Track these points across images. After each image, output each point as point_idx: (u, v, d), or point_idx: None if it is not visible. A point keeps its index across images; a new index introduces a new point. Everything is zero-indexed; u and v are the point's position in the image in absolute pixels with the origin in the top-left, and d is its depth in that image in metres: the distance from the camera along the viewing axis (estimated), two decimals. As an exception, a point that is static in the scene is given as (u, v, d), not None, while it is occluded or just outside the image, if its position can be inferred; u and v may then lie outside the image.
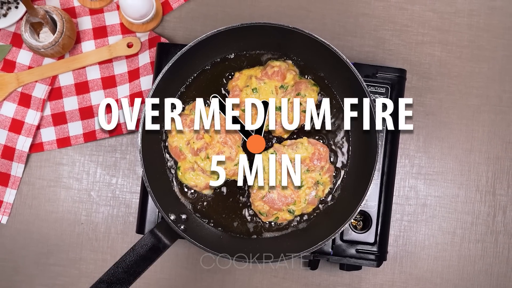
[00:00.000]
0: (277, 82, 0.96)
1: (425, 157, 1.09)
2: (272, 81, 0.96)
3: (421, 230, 1.08)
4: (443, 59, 1.10)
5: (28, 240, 1.06)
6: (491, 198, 1.09)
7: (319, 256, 0.97)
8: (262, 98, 0.96)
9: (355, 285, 1.07)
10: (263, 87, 0.95)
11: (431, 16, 1.10)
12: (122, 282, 0.88)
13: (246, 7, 1.09)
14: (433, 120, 1.09)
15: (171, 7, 1.08)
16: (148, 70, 1.05)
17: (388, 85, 0.99)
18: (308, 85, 0.96)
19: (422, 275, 1.07)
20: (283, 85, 0.96)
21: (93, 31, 1.07)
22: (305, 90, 0.95)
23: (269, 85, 0.96)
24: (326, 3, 1.10)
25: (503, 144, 1.09)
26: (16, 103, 1.05)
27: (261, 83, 0.95)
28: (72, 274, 1.05)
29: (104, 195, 1.07)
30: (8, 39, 1.06)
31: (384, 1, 1.10)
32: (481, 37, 1.10)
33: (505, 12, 1.11)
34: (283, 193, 0.95)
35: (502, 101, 1.10)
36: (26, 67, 1.06)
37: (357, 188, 0.92)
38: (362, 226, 0.98)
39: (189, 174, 0.96)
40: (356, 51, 1.09)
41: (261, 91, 0.95)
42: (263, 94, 0.96)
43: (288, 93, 0.96)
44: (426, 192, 1.08)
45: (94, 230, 1.06)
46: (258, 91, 0.95)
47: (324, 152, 0.96)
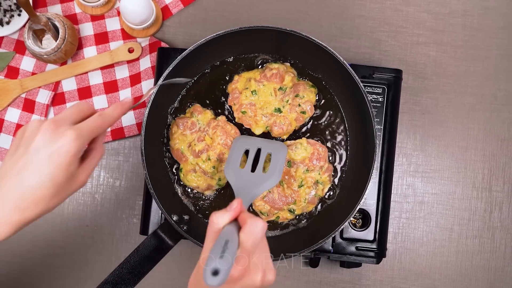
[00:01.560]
0: (275, 84, 0.96)
1: (422, 155, 1.09)
2: (271, 83, 0.96)
3: (419, 227, 1.08)
4: (438, 59, 1.10)
5: (34, 243, 1.06)
6: (488, 195, 1.09)
7: (320, 254, 0.97)
8: (261, 100, 0.96)
9: (355, 282, 1.07)
10: (262, 89, 0.96)
11: (425, 17, 1.10)
12: (127, 283, 0.88)
13: (244, 11, 1.09)
14: (429, 119, 1.09)
15: (171, 12, 1.09)
16: (149, 74, 1.05)
17: (385, 85, 0.99)
18: (306, 86, 0.97)
19: (421, 271, 1.08)
20: (281, 87, 0.96)
21: (94, 37, 1.08)
22: (303, 92, 0.96)
23: (268, 87, 0.96)
24: (322, 5, 1.10)
25: (498, 141, 1.09)
26: (20, 109, 1.05)
27: (260, 85, 0.96)
28: (78, 276, 1.06)
29: (108, 197, 1.07)
30: (11, 46, 1.07)
31: (379, 3, 1.10)
32: (475, 36, 1.11)
33: (498, 12, 1.11)
34: (284, 193, 0.95)
35: (496, 99, 1.10)
36: (29, 73, 1.06)
37: (356, 187, 0.93)
38: (361, 224, 0.99)
39: (191, 176, 0.96)
40: (353, 52, 1.09)
41: (260, 93, 0.96)
42: (262, 96, 0.96)
43: (286, 94, 0.96)
44: (424, 189, 1.09)
45: (99, 232, 1.07)
46: (257, 93, 0.96)
47: (323, 152, 0.96)
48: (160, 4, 1.08)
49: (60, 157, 0.67)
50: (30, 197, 0.67)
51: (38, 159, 0.67)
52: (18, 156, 0.68)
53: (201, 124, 0.96)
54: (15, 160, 0.68)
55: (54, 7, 1.07)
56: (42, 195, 0.67)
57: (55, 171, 0.67)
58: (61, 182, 0.68)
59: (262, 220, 0.67)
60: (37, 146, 0.67)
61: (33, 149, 0.67)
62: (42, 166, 0.67)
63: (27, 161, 0.67)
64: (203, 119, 0.97)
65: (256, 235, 0.66)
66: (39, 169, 0.67)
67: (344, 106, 0.99)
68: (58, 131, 0.68)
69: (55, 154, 0.67)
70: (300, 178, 0.95)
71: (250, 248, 0.65)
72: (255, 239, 0.65)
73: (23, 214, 0.67)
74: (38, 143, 0.67)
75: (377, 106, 0.98)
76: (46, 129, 0.68)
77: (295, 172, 0.95)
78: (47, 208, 0.68)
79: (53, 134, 0.67)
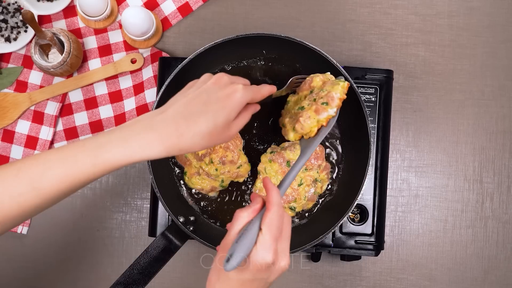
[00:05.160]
0: (306, 91, 0.90)
1: (415, 151, 1.09)
2: (302, 93, 0.91)
3: (414, 219, 1.09)
4: (427, 58, 1.10)
5: (48, 248, 1.06)
6: (479, 186, 1.09)
7: (321, 248, 0.98)
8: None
9: (356, 274, 1.07)
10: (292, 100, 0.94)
11: (413, 19, 1.11)
12: (138, 283, 0.88)
13: (240, 20, 1.10)
14: (421, 116, 1.10)
15: (170, 23, 1.09)
16: (152, 83, 1.06)
17: (377, 85, 0.99)
18: (334, 81, 0.85)
19: (418, 262, 1.08)
20: (312, 90, 0.89)
21: (98, 50, 1.08)
22: (330, 86, 0.84)
23: (298, 97, 0.93)
24: (315, 11, 1.10)
25: (487, 135, 1.10)
26: (30, 121, 1.06)
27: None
28: (91, 278, 1.06)
29: (117, 202, 1.07)
30: (19, 61, 1.07)
31: (369, 7, 1.11)
32: (461, 36, 1.11)
33: (483, 12, 1.11)
34: (284, 192, 0.95)
35: (484, 95, 1.10)
36: (37, 86, 1.07)
37: (353, 183, 0.93)
38: (360, 218, 0.99)
39: (195, 179, 0.97)
40: (345, 55, 1.10)
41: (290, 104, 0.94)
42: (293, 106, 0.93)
43: (315, 94, 0.86)
44: (418, 183, 1.09)
45: (109, 236, 1.07)
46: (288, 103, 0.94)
47: (320, 151, 0.96)
48: (160, 16, 1.09)
49: (228, 101, 0.70)
50: (192, 126, 0.68)
51: (208, 97, 0.70)
52: (189, 93, 0.71)
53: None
54: (186, 95, 0.71)
55: (59, 23, 1.08)
56: (201, 129, 0.68)
57: (220, 111, 0.69)
58: (221, 124, 0.70)
59: (280, 210, 0.68)
60: (210, 88, 0.71)
61: (205, 89, 0.71)
62: (210, 104, 0.69)
63: (197, 97, 0.70)
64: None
65: (273, 225, 0.67)
66: (207, 105, 0.69)
67: (339, 106, 0.99)
68: (230, 82, 0.73)
69: (224, 97, 0.70)
70: (299, 177, 0.95)
71: (268, 237, 0.66)
72: (271, 229, 0.67)
73: (179, 139, 0.68)
74: (212, 86, 0.71)
75: (370, 106, 0.98)
76: (221, 77, 0.73)
77: (295, 172, 0.95)
78: (198, 144, 0.69)
79: (226, 83, 0.72)
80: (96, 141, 0.68)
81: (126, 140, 0.67)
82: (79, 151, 0.68)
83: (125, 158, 0.67)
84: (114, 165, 0.68)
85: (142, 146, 0.67)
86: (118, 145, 0.67)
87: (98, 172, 0.68)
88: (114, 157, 0.67)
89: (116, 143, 0.67)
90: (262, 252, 0.66)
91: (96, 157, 0.67)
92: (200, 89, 0.71)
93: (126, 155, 0.67)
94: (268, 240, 0.66)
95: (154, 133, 0.67)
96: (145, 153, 0.67)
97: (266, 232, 0.66)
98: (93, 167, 0.67)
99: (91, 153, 0.67)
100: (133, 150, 0.67)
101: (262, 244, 0.66)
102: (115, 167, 0.68)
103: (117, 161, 0.67)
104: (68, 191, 0.70)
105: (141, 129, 0.68)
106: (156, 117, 0.69)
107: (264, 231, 0.66)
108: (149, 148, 0.67)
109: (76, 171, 0.67)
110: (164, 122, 0.68)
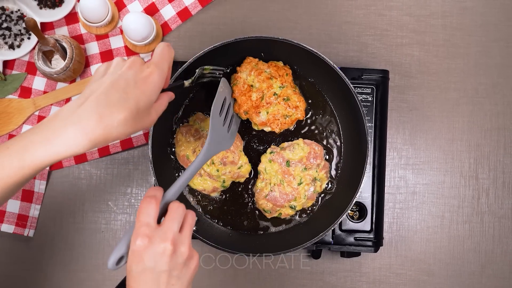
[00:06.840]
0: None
1: (411, 149, 1.10)
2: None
3: (412, 216, 1.09)
4: (422, 58, 1.11)
5: (54, 250, 1.06)
6: (475, 182, 1.10)
7: (321, 246, 0.98)
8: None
9: (355, 270, 1.08)
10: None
11: (408, 19, 1.11)
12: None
13: (238, 24, 1.10)
14: (417, 114, 1.10)
15: (170, 28, 1.09)
16: (153, 87, 1.06)
17: (373, 85, 1.00)
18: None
19: (416, 257, 1.08)
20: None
21: (100, 55, 1.08)
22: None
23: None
24: (311, 14, 1.11)
25: (481, 132, 1.10)
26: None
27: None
28: (97, 279, 1.06)
29: (121, 204, 1.08)
30: (23, 68, 1.07)
31: (364, 9, 1.11)
32: (455, 35, 1.11)
33: (475, 11, 1.12)
34: (284, 191, 0.96)
35: (478, 93, 1.11)
36: (41, 92, 1.07)
37: (351, 182, 0.93)
38: (359, 216, 0.99)
39: (197, 179, 0.97)
40: (342, 56, 1.10)
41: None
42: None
43: None
44: (415, 180, 1.09)
45: (114, 237, 1.07)
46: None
47: (319, 150, 0.97)
48: (160, 21, 1.09)
49: (147, 85, 0.69)
50: (115, 114, 0.66)
51: (127, 83, 0.68)
52: (105, 80, 0.69)
53: (204, 130, 0.97)
54: (102, 82, 0.69)
55: (61, 29, 1.08)
56: (125, 116, 0.67)
57: (140, 96, 0.68)
58: (143, 108, 0.69)
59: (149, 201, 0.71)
60: (126, 73, 0.69)
61: (121, 74, 0.69)
62: (130, 89, 0.68)
63: (115, 83, 0.68)
64: (205, 125, 0.97)
65: (140, 212, 0.70)
66: (126, 92, 0.68)
67: (337, 107, 0.99)
68: (144, 64, 0.71)
69: (142, 81, 0.69)
70: (299, 176, 0.95)
71: None
72: (137, 217, 0.70)
73: (104, 130, 0.66)
74: (127, 71, 0.70)
75: (367, 105, 0.99)
76: (135, 62, 0.71)
77: (294, 171, 0.95)
78: (124, 132, 0.68)
79: (140, 66, 0.71)
80: (19, 143, 0.67)
81: (48, 139, 0.66)
82: (4, 155, 0.67)
83: (51, 157, 0.66)
84: (41, 165, 0.67)
85: (67, 143, 0.65)
86: (42, 146, 0.66)
87: (28, 174, 0.67)
88: (39, 158, 0.66)
89: (39, 144, 0.66)
90: (133, 238, 0.68)
91: (23, 160, 0.66)
92: (115, 74, 0.69)
93: (51, 155, 0.66)
94: (137, 228, 0.69)
95: (76, 127, 0.65)
96: (70, 149, 0.66)
97: (136, 221, 0.70)
98: (21, 169, 0.67)
99: (16, 157, 0.66)
100: (58, 149, 0.66)
101: (134, 231, 0.69)
102: (44, 166, 0.67)
103: (44, 162, 0.66)
104: (2, 196, 0.69)
105: (63, 124, 0.66)
106: (77, 109, 0.67)
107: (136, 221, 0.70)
108: (74, 144, 0.66)
109: (4, 176, 0.67)
110: (86, 114, 0.66)
